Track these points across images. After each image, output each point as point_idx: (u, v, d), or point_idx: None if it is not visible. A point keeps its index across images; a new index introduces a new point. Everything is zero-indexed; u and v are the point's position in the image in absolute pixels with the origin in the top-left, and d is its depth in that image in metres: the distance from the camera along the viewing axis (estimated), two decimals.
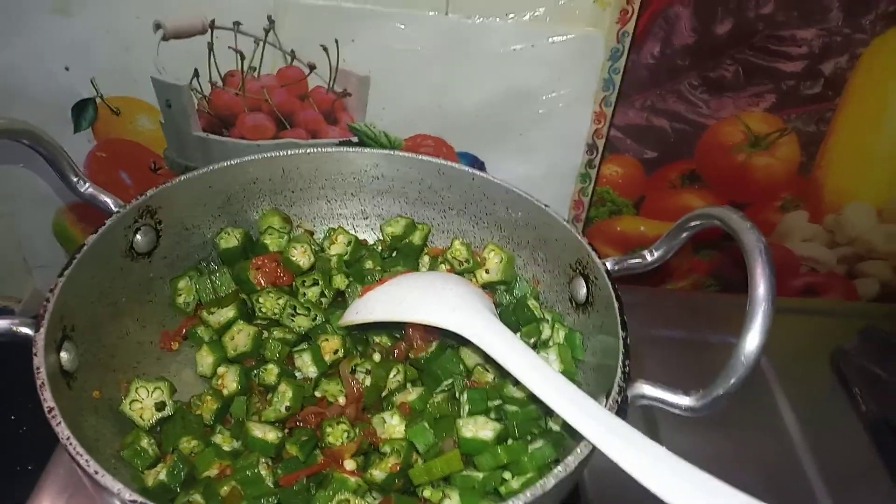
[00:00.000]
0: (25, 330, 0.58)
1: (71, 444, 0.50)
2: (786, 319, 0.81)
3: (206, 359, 0.77)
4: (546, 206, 0.80)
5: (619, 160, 1.09)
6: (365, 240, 0.91)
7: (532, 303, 0.81)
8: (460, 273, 0.85)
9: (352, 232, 0.90)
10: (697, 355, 0.60)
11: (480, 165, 1.07)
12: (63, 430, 0.51)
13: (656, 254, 0.72)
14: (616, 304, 0.66)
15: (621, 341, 0.63)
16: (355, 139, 1.04)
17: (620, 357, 0.61)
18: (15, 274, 1.23)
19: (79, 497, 0.79)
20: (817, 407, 0.98)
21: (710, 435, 0.52)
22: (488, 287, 0.84)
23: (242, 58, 0.97)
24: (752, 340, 0.56)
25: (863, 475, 0.90)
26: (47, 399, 0.52)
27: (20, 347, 0.58)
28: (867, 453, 0.92)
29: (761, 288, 0.56)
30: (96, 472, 0.48)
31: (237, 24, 0.94)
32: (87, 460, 0.49)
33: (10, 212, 1.15)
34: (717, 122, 1.04)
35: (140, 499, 0.47)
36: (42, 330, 0.58)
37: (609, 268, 0.71)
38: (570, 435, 0.65)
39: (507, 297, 0.83)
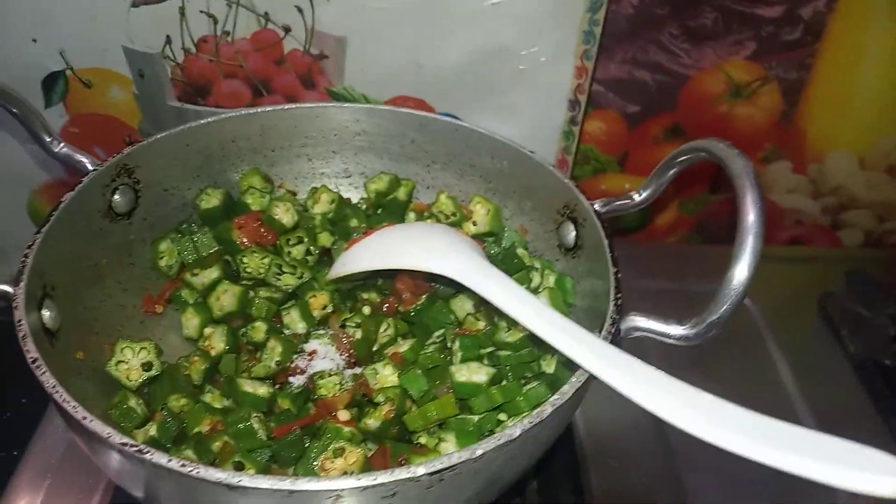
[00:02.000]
0: (3, 287, 0.57)
1: (57, 391, 0.48)
2: (773, 267, 0.82)
3: (191, 321, 0.75)
4: (532, 152, 0.79)
5: (603, 115, 1.08)
6: (349, 199, 0.90)
7: (521, 252, 0.80)
8: None
9: (335, 190, 0.88)
10: (686, 303, 0.59)
11: None
12: (48, 379, 0.49)
13: (644, 194, 0.71)
14: (605, 242, 0.66)
15: (612, 276, 0.62)
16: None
17: (612, 291, 0.61)
18: None
19: (59, 480, 0.77)
20: (806, 350, 0.99)
21: (701, 382, 0.51)
22: (476, 239, 0.83)
23: (215, 22, 0.95)
24: (743, 267, 0.55)
25: (851, 413, 0.91)
26: (30, 350, 0.51)
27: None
28: (855, 392, 0.93)
29: (751, 214, 0.56)
30: (85, 419, 0.47)
31: None
32: (74, 406, 0.47)
33: None
34: (698, 72, 1.04)
35: (131, 441, 0.46)
36: (21, 285, 0.56)
37: (597, 209, 0.70)
38: (564, 377, 0.65)
39: (496, 248, 0.82)
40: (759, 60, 1.02)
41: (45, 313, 0.59)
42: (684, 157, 0.67)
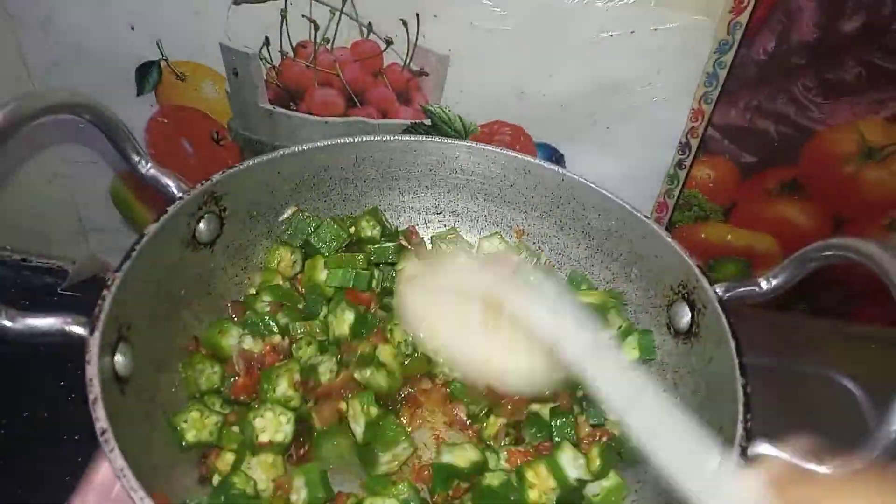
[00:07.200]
0: (78, 330, 0.53)
1: (124, 475, 0.45)
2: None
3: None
4: (647, 216, 0.72)
5: (713, 162, 1.00)
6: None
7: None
8: None
9: (423, 227, 0.83)
10: (791, 388, 0.52)
11: (559, 158, 0.99)
12: (117, 459, 0.46)
13: (774, 282, 0.63)
14: (732, 344, 0.58)
15: (740, 391, 0.55)
16: (428, 122, 0.97)
17: (740, 410, 0.53)
18: (70, 235, 1.21)
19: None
20: None
21: None
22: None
23: (316, 28, 0.91)
24: None
25: None
26: (100, 419, 0.47)
27: None
28: None
29: None
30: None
31: None
32: (141, 498, 0.44)
33: (68, 174, 1.12)
34: (828, 128, 0.94)
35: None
36: (97, 333, 0.52)
37: (719, 294, 0.63)
38: None
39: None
40: None
41: (119, 359, 0.56)
42: (830, 254, 0.58)
